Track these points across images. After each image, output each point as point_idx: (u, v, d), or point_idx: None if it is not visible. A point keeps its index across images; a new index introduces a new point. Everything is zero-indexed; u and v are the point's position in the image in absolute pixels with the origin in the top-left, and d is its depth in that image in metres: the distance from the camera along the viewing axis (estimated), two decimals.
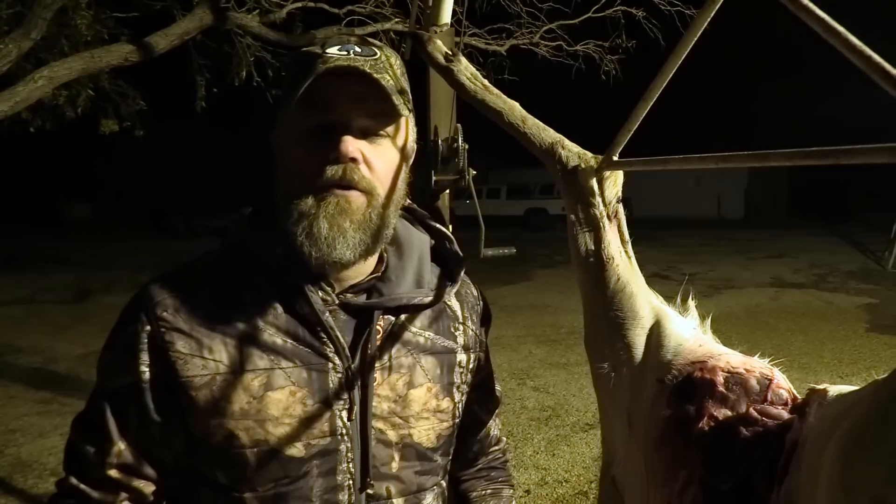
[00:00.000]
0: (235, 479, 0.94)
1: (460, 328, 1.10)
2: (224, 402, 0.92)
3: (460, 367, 1.09)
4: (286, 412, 0.94)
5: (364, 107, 0.93)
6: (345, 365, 0.96)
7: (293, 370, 0.95)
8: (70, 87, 5.45)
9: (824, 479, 0.65)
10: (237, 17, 4.64)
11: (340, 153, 0.91)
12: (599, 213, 1.05)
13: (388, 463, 1.00)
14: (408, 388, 1.01)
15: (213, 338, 0.94)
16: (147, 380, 0.94)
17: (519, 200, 25.48)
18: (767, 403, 0.85)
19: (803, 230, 20.68)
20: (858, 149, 0.64)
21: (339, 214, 0.92)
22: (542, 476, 4.20)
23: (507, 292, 10.72)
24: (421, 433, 1.02)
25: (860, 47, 0.58)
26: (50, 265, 15.07)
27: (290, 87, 0.93)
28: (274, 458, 0.93)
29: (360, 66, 0.91)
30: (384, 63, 0.96)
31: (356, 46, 0.95)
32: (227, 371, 0.93)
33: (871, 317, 8.41)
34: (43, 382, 6.15)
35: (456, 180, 1.93)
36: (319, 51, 0.93)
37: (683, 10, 5.85)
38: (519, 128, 1.12)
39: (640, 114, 0.92)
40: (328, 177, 0.91)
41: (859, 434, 0.61)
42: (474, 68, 1.20)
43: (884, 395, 0.61)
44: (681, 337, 0.98)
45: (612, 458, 1.07)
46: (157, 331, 0.94)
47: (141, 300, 0.97)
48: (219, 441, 0.93)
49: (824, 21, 0.61)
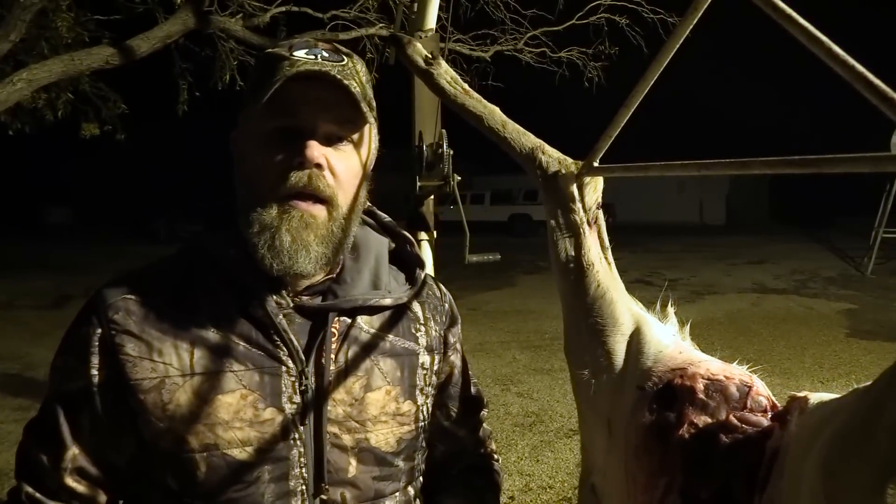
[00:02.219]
0: (186, 485, 0.92)
1: (422, 329, 1.09)
2: (173, 406, 0.91)
3: (423, 368, 1.07)
4: (237, 416, 0.92)
5: (330, 113, 0.93)
6: (298, 368, 0.95)
7: (245, 373, 0.93)
8: (50, 90, 5.39)
9: (806, 488, 0.65)
10: (220, 20, 4.61)
11: (306, 158, 0.90)
12: (579, 219, 1.05)
13: (345, 468, 0.98)
14: (365, 391, 1.00)
15: (164, 340, 0.93)
16: (97, 383, 0.93)
17: (503, 206, 25.53)
18: (747, 410, 0.86)
19: (784, 236, 20.89)
20: (841, 158, 0.64)
21: (302, 228, 0.92)
22: (526, 482, 4.19)
23: (491, 298, 10.71)
24: (379, 437, 1.01)
25: (843, 57, 0.58)
26: (28, 270, 14.86)
27: (255, 88, 0.92)
28: (224, 462, 0.92)
29: (328, 71, 0.90)
30: (351, 70, 0.95)
31: (324, 51, 0.94)
32: (177, 374, 0.92)
33: (851, 322, 8.50)
34: (21, 389, 6.05)
35: (440, 186, 1.92)
36: (286, 53, 0.92)
37: (666, 17, 5.91)
38: (499, 132, 1.11)
39: (620, 120, 0.92)
40: (292, 183, 0.91)
41: (842, 443, 0.61)
42: (454, 72, 1.19)
43: (865, 404, 0.61)
44: (661, 344, 0.98)
45: (592, 465, 1.06)
46: (107, 333, 0.93)
47: (93, 303, 0.96)
48: (168, 445, 0.92)
49: (808, 30, 0.61)
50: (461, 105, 1.14)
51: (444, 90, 1.16)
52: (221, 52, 5.97)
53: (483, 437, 1.26)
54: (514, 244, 18.54)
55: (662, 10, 5.91)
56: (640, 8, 5.95)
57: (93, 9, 5.56)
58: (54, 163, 36.49)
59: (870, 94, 0.56)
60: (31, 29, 4.30)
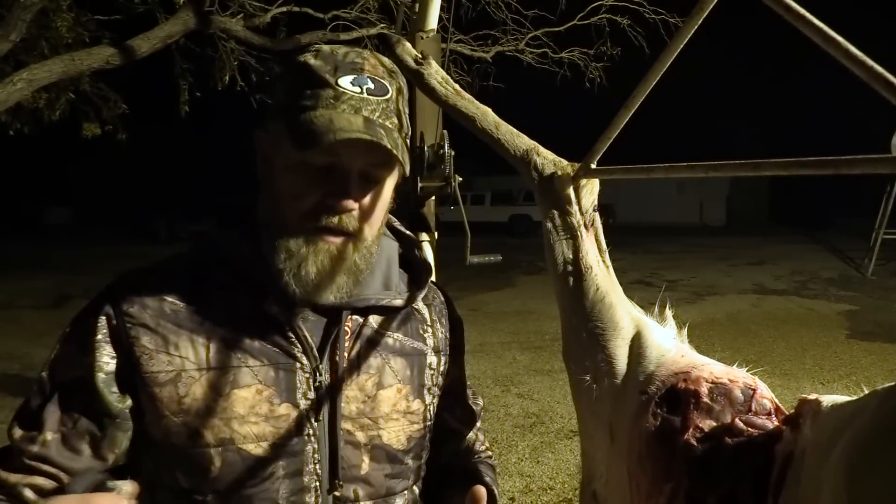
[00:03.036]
0: (198, 481, 0.92)
1: (429, 330, 1.10)
2: (189, 399, 0.91)
3: (431, 368, 1.09)
4: (252, 410, 0.93)
5: (368, 156, 0.92)
6: (312, 365, 0.96)
7: (260, 369, 0.94)
8: (50, 90, 5.39)
9: (828, 493, 0.63)
10: (221, 20, 4.61)
11: (340, 206, 0.91)
12: (576, 222, 1.04)
13: (358, 465, 0.99)
14: (377, 388, 1.01)
15: (180, 335, 0.94)
16: (107, 372, 0.92)
17: (503, 207, 25.50)
18: (752, 414, 0.85)
19: (784, 237, 20.86)
20: (859, 159, 0.62)
21: (328, 262, 0.93)
22: (526, 483, 4.18)
23: (491, 299, 10.70)
24: (391, 434, 1.02)
25: (861, 57, 0.57)
26: (28, 270, 14.85)
27: (291, 107, 0.90)
28: (239, 457, 0.92)
29: (372, 139, 0.87)
30: (393, 103, 0.94)
31: (369, 80, 0.92)
32: (193, 367, 0.92)
33: (852, 323, 8.49)
34: (21, 389, 6.03)
35: (442, 187, 1.92)
36: (331, 78, 0.90)
37: (668, 18, 5.90)
38: (492, 134, 1.10)
39: (619, 122, 0.91)
40: (324, 222, 0.92)
41: (864, 447, 0.60)
42: (445, 73, 1.18)
43: (888, 407, 0.59)
44: (662, 348, 0.97)
45: (593, 472, 1.05)
46: (122, 325, 0.93)
47: (106, 296, 0.96)
48: (182, 440, 0.92)
49: (823, 31, 0.60)
50: (452, 105, 1.13)
51: (434, 91, 1.15)
52: (222, 52, 5.97)
53: (481, 437, 1.26)
54: (515, 245, 18.52)
55: (664, 10, 5.90)
56: (641, 8, 5.95)
57: (93, 9, 5.56)
58: (54, 163, 36.44)
59: (888, 94, 0.55)
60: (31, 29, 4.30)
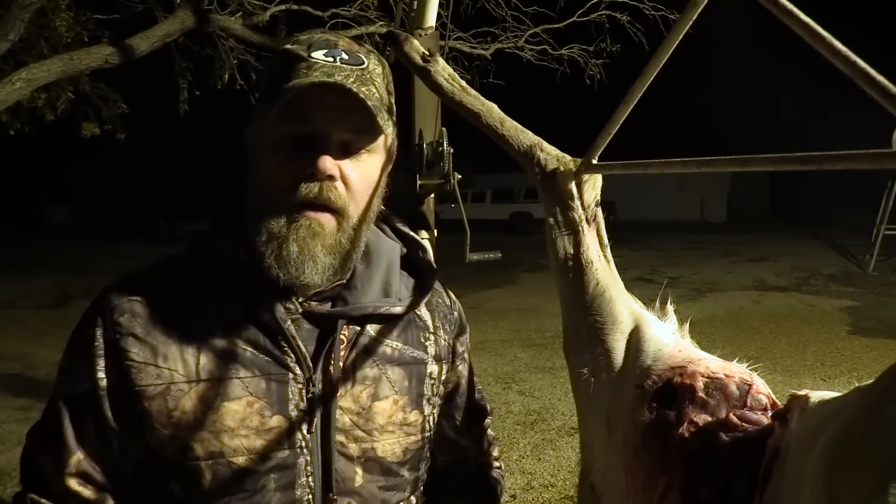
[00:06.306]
0: (191, 492, 0.91)
1: (431, 338, 1.07)
2: (178, 413, 0.89)
3: (431, 378, 1.05)
4: (243, 423, 0.90)
5: (346, 121, 0.90)
6: (306, 375, 0.93)
7: (251, 380, 0.92)
8: (49, 89, 5.39)
9: (808, 487, 0.64)
10: (220, 19, 4.61)
11: (318, 170, 0.88)
12: (578, 217, 1.04)
13: (352, 477, 0.96)
14: (372, 400, 0.98)
15: (170, 345, 0.91)
16: (105, 387, 0.91)
17: (503, 204, 25.49)
18: (747, 409, 0.85)
19: (786, 233, 20.86)
20: (843, 155, 0.63)
21: (310, 238, 0.90)
22: (528, 481, 4.19)
23: (492, 296, 10.71)
24: (385, 447, 0.99)
25: (845, 53, 0.57)
26: (29, 270, 14.87)
27: (270, 89, 0.90)
28: (229, 471, 0.90)
29: (344, 83, 0.87)
30: (370, 73, 0.93)
31: (343, 52, 0.91)
32: (183, 380, 0.90)
33: (853, 319, 8.49)
34: (22, 389, 6.05)
35: (441, 184, 1.92)
36: (304, 53, 0.90)
37: (667, 14, 5.89)
38: (497, 130, 1.10)
39: (620, 117, 0.92)
40: (302, 194, 0.89)
41: (844, 441, 0.60)
42: (452, 69, 1.18)
43: (868, 402, 0.60)
44: (660, 342, 0.97)
45: (591, 464, 1.06)
46: (112, 336, 0.91)
47: (98, 304, 0.94)
48: (173, 452, 0.90)
49: (809, 26, 0.60)
50: (459, 102, 1.13)
51: (441, 87, 1.15)
52: (221, 51, 5.97)
53: (486, 445, 1.24)
54: (515, 242, 18.51)
55: (663, 6, 5.90)
56: (641, 5, 5.94)
57: (92, 8, 5.55)
58: (54, 163, 36.52)
59: (872, 91, 0.56)
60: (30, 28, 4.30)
